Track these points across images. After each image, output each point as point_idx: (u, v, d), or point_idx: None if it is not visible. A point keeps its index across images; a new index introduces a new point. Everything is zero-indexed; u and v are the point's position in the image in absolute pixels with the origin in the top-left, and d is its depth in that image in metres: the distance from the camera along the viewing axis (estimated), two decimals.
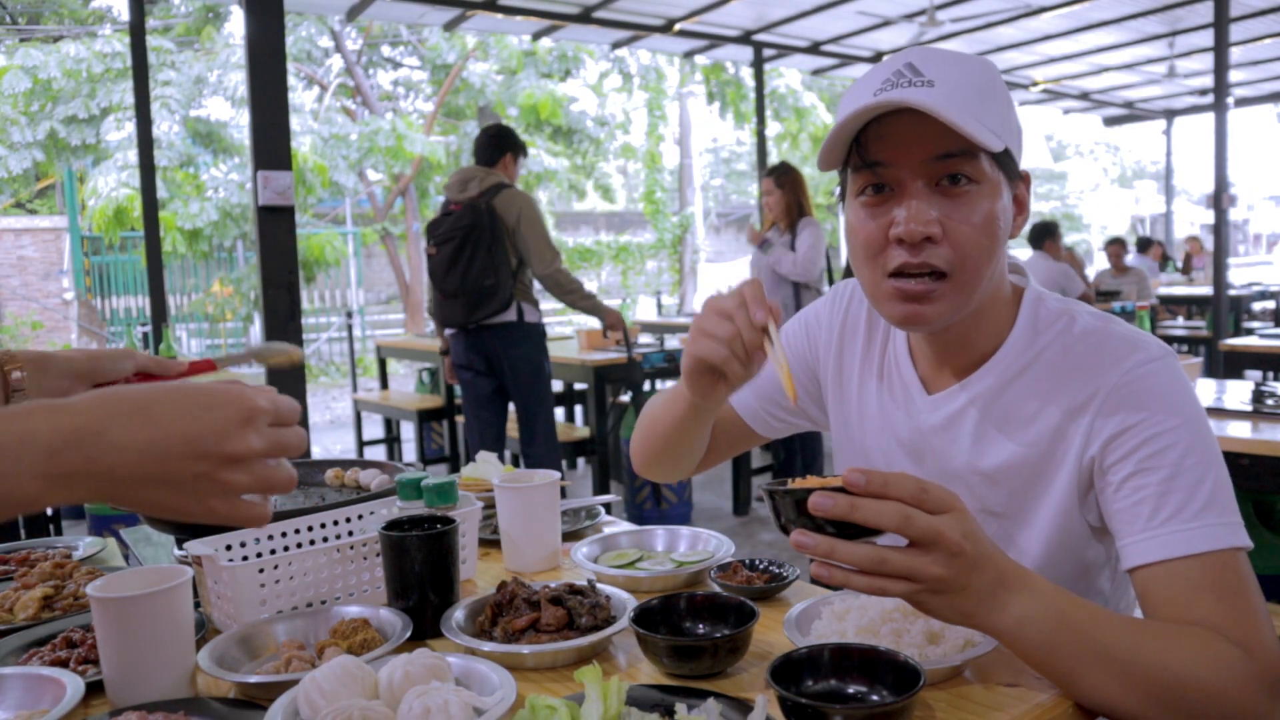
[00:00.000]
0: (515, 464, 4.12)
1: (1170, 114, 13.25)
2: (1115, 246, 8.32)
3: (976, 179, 0.96)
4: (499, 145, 3.99)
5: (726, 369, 0.95)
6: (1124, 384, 0.97)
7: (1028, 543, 1.06)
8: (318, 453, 7.35)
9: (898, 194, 0.97)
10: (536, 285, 4.03)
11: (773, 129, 15.90)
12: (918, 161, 0.95)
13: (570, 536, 1.47)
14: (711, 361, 0.95)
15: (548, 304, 4.47)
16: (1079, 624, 0.84)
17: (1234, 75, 10.42)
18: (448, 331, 4.08)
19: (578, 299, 4.05)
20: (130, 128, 11.17)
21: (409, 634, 1.04)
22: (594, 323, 4.74)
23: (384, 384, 6.49)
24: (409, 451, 6.99)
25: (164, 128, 12.05)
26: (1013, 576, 0.83)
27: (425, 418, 5.57)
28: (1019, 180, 1.02)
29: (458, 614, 1.07)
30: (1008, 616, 0.82)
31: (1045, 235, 6.49)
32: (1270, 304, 9.40)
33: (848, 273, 5.49)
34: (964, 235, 0.96)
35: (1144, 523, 0.93)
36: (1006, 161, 0.98)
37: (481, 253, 3.79)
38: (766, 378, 1.28)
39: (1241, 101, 12.25)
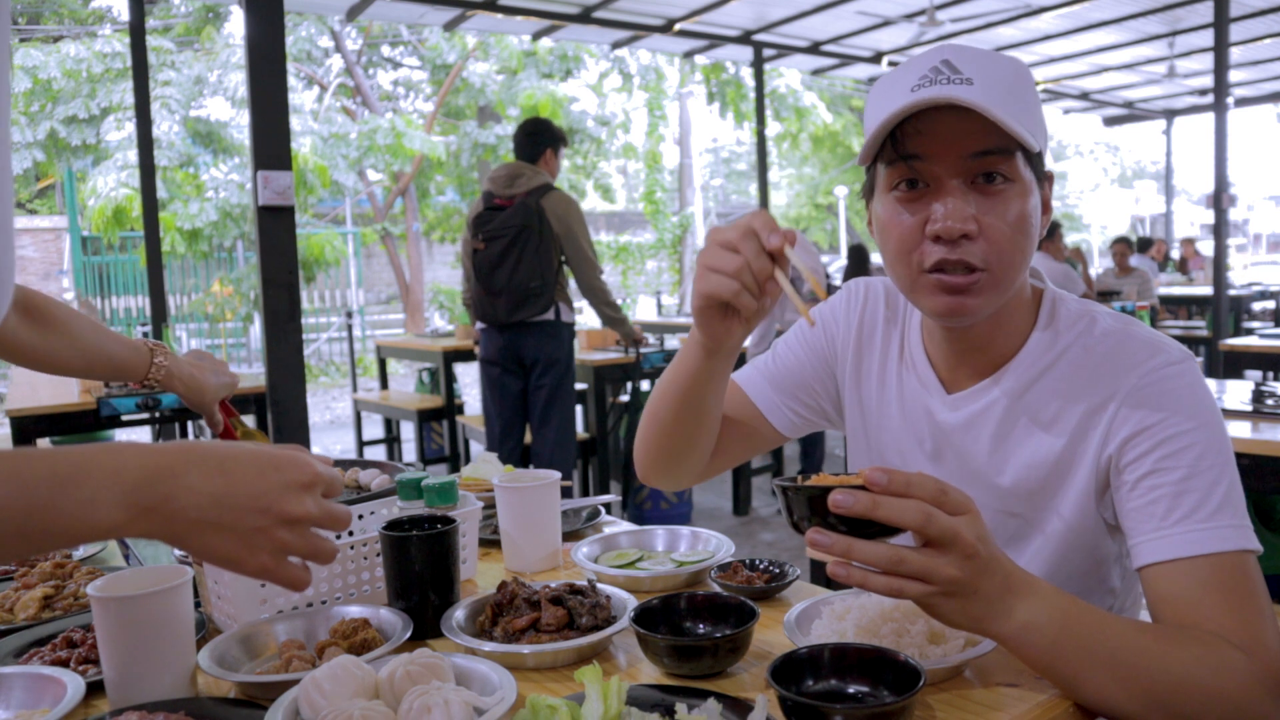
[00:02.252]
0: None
1: (1170, 114, 13.25)
2: (1120, 246, 8.32)
3: (1011, 177, 0.96)
4: (538, 141, 4.01)
5: (738, 303, 0.91)
6: (1143, 385, 0.97)
7: (1044, 540, 1.06)
8: (317, 453, 7.33)
9: (934, 190, 0.97)
10: (571, 284, 4.07)
11: (773, 129, 15.91)
12: (956, 158, 0.95)
13: (570, 536, 1.47)
14: (722, 297, 0.91)
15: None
16: (1083, 629, 0.84)
17: (1234, 75, 10.42)
18: (479, 325, 4.11)
19: (609, 310, 4.16)
20: (130, 128, 11.17)
21: (409, 634, 1.04)
22: (595, 322, 4.76)
23: (384, 384, 6.49)
24: (409, 451, 7.00)
25: (164, 128, 12.04)
26: (1018, 581, 0.83)
27: (425, 418, 5.58)
28: (1045, 181, 1.02)
29: (458, 614, 1.07)
30: (1013, 622, 0.83)
31: (1046, 235, 6.50)
32: (1270, 304, 9.40)
33: (850, 273, 5.54)
34: (1000, 233, 0.96)
35: (1157, 522, 0.93)
36: (1038, 162, 0.99)
37: (530, 253, 3.83)
38: (785, 371, 1.26)
39: (1241, 101, 12.25)
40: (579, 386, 5.00)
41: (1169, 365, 0.98)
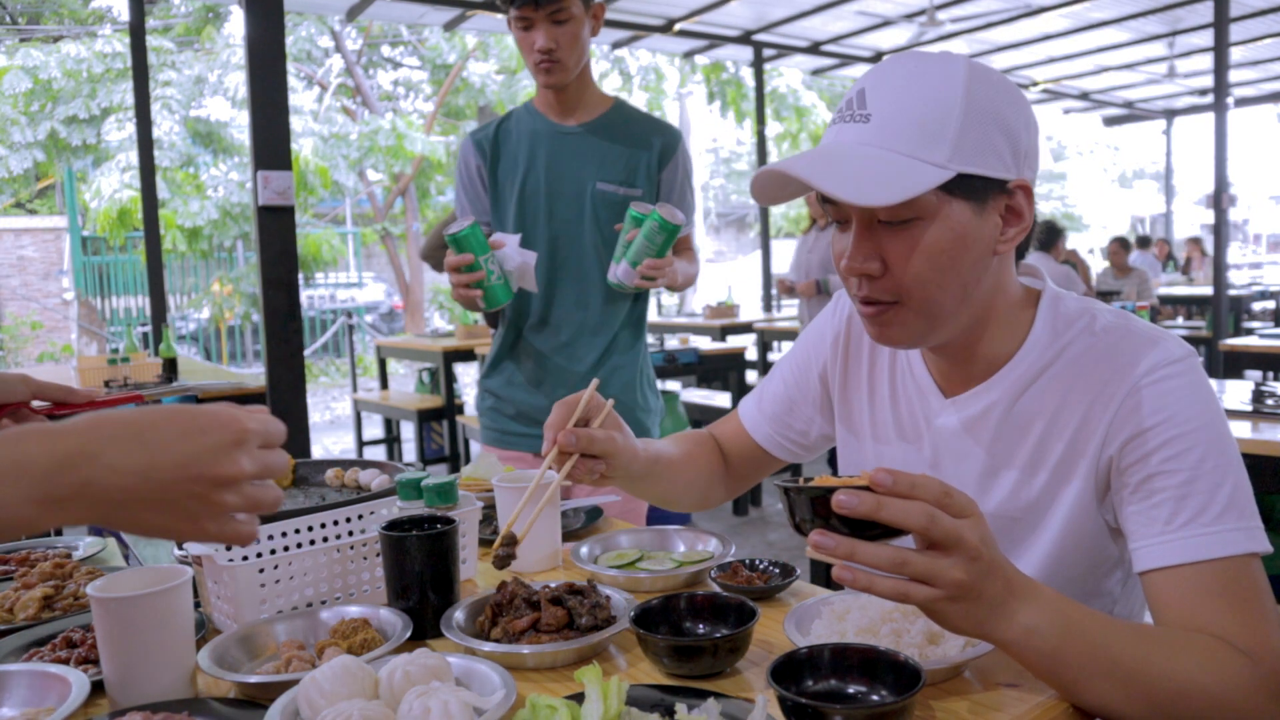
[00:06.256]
0: None
1: (1170, 114, 13.26)
2: (1116, 246, 8.31)
3: (920, 215, 0.93)
4: None
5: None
6: (1144, 385, 0.96)
7: (1043, 543, 1.05)
8: (318, 453, 7.35)
9: (849, 226, 0.99)
10: None
11: (773, 129, 15.90)
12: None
13: (570, 536, 1.47)
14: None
15: None
16: (1085, 634, 0.83)
17: (1234, 75, 10.42)
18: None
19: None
20: (130, 128, 11.17)
21: (409, 634, 1.04)
22: None
23: (384, 384, 6.49)
24: (409, 451, 6.99)
25: (164, 128, 12.05)
26: (1020, 585, 0.83)
27: (425, 418, 5.57)
28: (1006, 194, 0.97)
29: (458, 614, 1.07)
30: (1015, 626, 0.82)
31: (1054, 237, 6.51)
32: (1270, 304, 9.41)
33: None
34: (908, 269, 0.95)
35: (1160, 526, 0.92)
36: (969, 182, 0.93)
37: None
38: (776, 401, 1.31)
39: (1241, 101, 12.25)
40: None
41: (1169, 364, 0.96)
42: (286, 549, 1.23)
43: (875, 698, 0.85)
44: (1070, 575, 1.04)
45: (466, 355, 5.40)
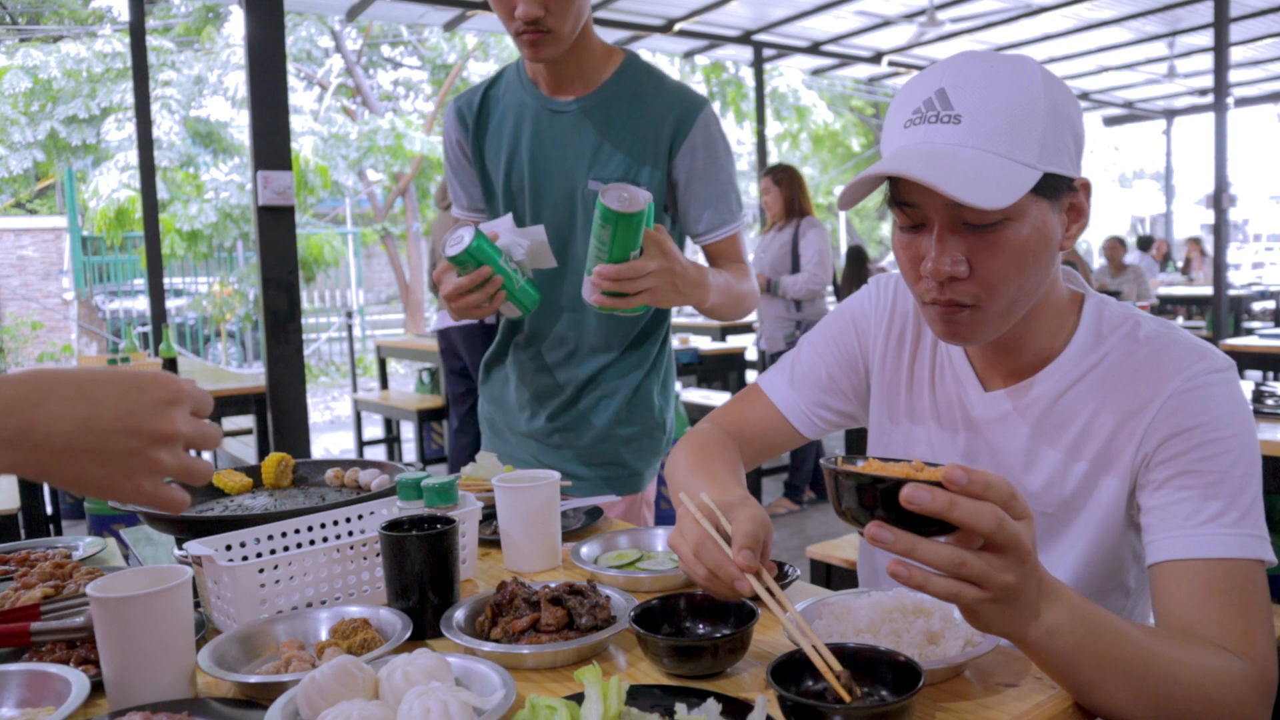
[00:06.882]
0: None
1: (1170, 114, 13.26)
2: (1114, 243, 8.30)
3: (1010, 215, 0.94)
4: None
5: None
6: (1188, 389, 0.98)
7: (1074, 539, 1.07)
8: (318, 453, 7.35)
9: (928, 229, 0.98)
10: None
11: (773, 129, 15.91)
12: (942, 204, 0.95)
13: (570, 536, 1.47)
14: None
15: None
16: (1101, 635, 0.84)
17: (1234, 75, 10.42)
18: (465, 322, 4.05)
19: None
20: (130, 128, 11.18)
21: (409, 634, 1.04)
22: None
23: (384, 384, 6.49)
24: (409, 451, 6.99)
25: (164, 128, 12.05)
26: (1047, 585, 0.82)
27: (425, 418, 5.57)
28: (1072, 192, 1.00)
29: (458, 614, 1.07)
30: (1040, 626, 0.81)
31: None
32: (1270, 304, 9.41)
33: (849, 274, 5.50)
34: (992, 270, 0.97)
35: (1182, 520, 0.95)
36: (1050, 181, 0.95)
37: None
38: (810, 373, 1.29)
39: (1241, 101, 12.25)
40: None
41: (1214, 372, 0.99)
42: (286, 549, 1.23)
43: (875, 698, 0.85)
44: (1100, 570, 1.06)
45: None
